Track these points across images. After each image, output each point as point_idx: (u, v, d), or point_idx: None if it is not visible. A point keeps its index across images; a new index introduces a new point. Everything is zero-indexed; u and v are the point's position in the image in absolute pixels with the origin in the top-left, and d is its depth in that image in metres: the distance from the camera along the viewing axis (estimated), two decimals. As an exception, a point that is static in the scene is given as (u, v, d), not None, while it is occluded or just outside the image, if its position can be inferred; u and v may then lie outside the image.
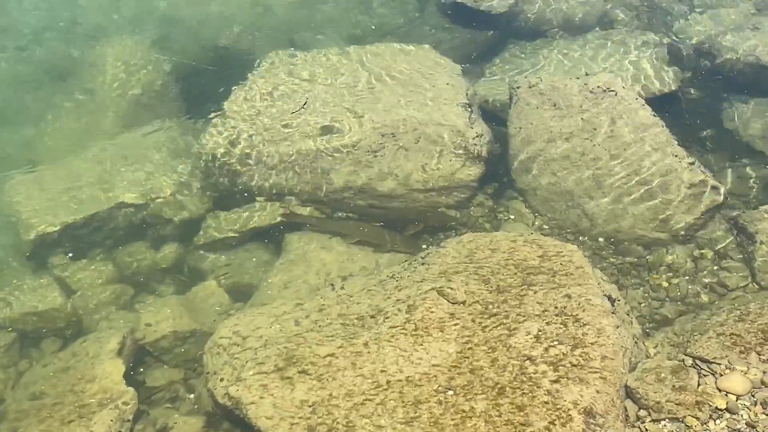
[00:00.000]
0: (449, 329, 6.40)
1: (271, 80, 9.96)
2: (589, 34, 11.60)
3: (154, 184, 9.45)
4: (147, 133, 10.21)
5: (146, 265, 9.06)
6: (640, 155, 8.60)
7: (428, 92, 9.56)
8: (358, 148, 9.01)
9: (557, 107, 9.09)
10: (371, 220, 9.06)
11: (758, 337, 6.49)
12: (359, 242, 8.71)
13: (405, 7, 12.52)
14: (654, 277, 8.25)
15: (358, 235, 8.75)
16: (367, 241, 8.67)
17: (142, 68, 11.19)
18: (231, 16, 12.42)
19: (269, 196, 9.21)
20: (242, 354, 6.70)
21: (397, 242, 8.63)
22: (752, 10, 11.46)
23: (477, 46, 11.62)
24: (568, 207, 8.90)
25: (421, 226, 8.93)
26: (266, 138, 9.17)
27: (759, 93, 10.24)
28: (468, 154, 9.00)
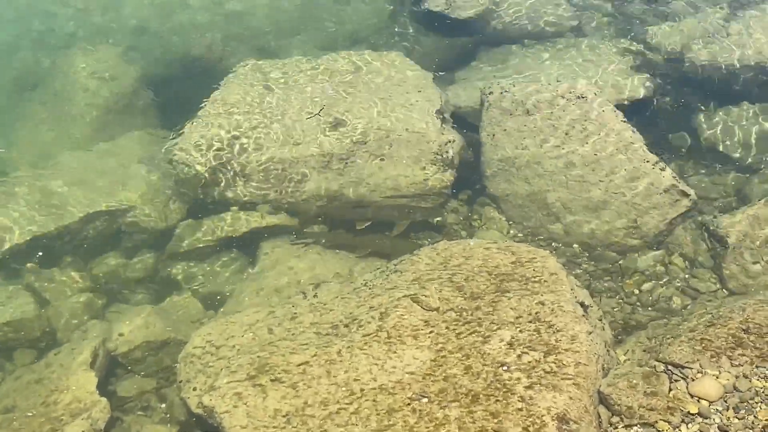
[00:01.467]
0: (423, 337, 6.40)
1: (243, 88, 9.93)
2: (561, 40, 11.64)
3: (126, 193, 9.40)
4: (119, 143, 10.15)
5: (119, 275, 9.00)
6: (611, 161, 8.65)
7: (399, 99, 9.57)
8: (329, 155, 9.01)
9: (529, 113, 9.13)
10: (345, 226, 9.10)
11: (729, 341, 6.53)
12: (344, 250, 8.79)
13: (377, 15, 12.52)
14: (626, 282, 8.31)
15: (370, 246, 8.74)
16: (376, 252, 8.67)
17: (113, 77, 11.13)
18: (202, 25, 12.40)
19: (242, 204, 9.18)
20: (216, 363, 6.69)
21: (405, 248, 8.44)
22: (722, 17, 11.53)
23: (449, 53, 11.66)
24: (541, 214, 8.94)
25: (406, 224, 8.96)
26: (238, 147, 9.16)
27: (728, 99, 10.33)
28: (440, 161, 9.03)
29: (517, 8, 11.98)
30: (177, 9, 12.77)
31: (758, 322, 6.66)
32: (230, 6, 12.79)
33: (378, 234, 9.00)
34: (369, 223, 8.94)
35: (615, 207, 8.57)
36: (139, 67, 11.51)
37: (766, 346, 6.44)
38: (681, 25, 11.47)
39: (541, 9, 12.04)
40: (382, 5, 12.67)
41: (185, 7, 12.81)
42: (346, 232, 9.10)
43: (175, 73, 11.59)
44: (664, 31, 11.37)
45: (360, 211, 9.05)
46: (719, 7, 11.89)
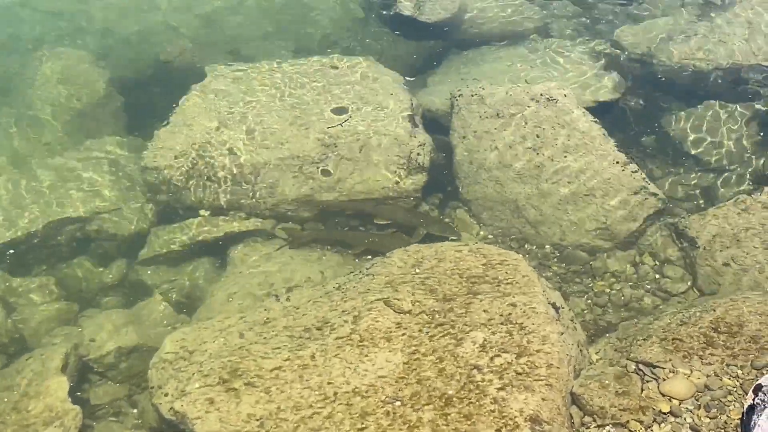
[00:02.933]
0: (396, 339, 6.41)
1: (215, 93, 9.91)
2: (530, 42, 11.68)
3: (97, 199, 9.37)
4: (89, 148, 10.07)
5: (90, 281, 8.97)
6: (581, 163, 8.70)
7: (371, 103, 9.58)
8: (301, 159, 9.01)
9: (499, 116, 9.16)
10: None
11: (701, 341, 6.57)
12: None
13: (348, 19, 12.50)
14: (597, 283, 8.35)
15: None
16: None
17: (83, 82, 11.04)
18: (173, 29, 12.33)
19: (213, 209, 9.16)
20: (188, 368, 6.65)
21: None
22: (690, 18, 11.62)
23: (419, 56, 11.67)
24: (512, 215, 8.97)
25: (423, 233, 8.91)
26: (209, 152, 9.14)
27: (697, 99, 10.39)
28: (411, 163, 9.04)
29: (486, 11, 12.05)
30: (147, 12, 12.68)
31: (729, 321, 6.72)
32: (201, 9, 12.70)
33: (371, 232, 9.04)
34: (389, 221, 8.98)
35: (585, 208, 8.61)
36: (108, 72, 11.40)
37: (736, 345, 6.49)
38: (650, 25, 11.55)
39: (510, 11, 12.08)
40: (353, 10, 12.65)
41: (155, 10, 12.73)
42: (342, 229, 9.16)
43: (146, 77, 11.52)
44: (633, 31, 11.45)
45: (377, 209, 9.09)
46: (689, 8, 12.00)
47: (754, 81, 10.37)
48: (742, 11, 11.04)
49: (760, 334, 6.56)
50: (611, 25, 12.02)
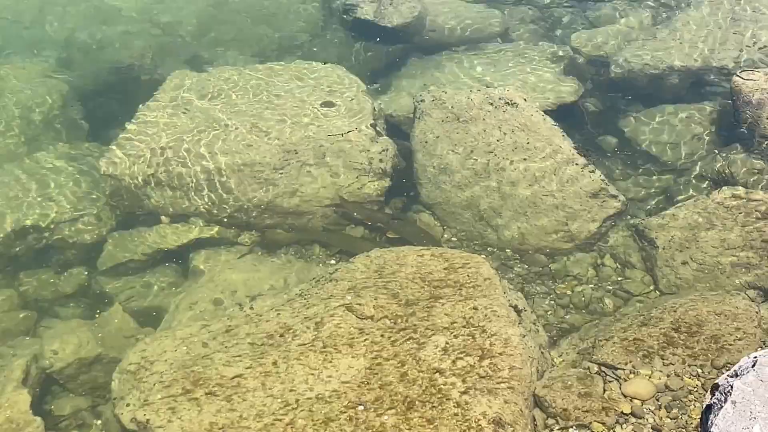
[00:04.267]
0: (358, 345, 6.40)
1: (175, 100, 9.85)
2: (490, 46, 11.75)
3: (56, 207, 9.27)
4: (48, 156, 9.97)
5: (50, 291, 8.87)
6: (541, 166, 8.74)
7: (332, 108, 9.56)
8: (263, 165, 8.98)
9: (461, 120, 9.19)
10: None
11: (661, 341, 6.64)
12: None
13: (310, 24, 12.53)
14: (559, 286, 8.37)
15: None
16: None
17: (42, 91, 10.93)
18: (132, 36, 12.27)
19: (174, 217, 9.11)
20: (150, 378, 6.60)
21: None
22: (647, 21, 11.73)
23: (381, 61, 11.71)
24: (474, 219, 8.99)
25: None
26: (170, 159, 9.07)
27: (654, 101, 10.51)
28: (373, 169, 9.05)
29: (447, 15, 12.09)
30: (107, 21, 12.62)
31: (688, 321, 6.79)
32: (161, 17, 12.67)
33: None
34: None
35: (546, 211, 8.65)
36: (69, 80, 11.36)
37: (696, 345, 6.57)
38: (607, 29, 11.68)
39: (471, 16, 12.14)
40: (314, 15, 12.67)
41: (115, 18, 12.67)
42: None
43: (106, 85, 11.45)
44: (591, 35, 11.56)
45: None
46: (645, 11, 12.11)
47: (709, 82, 10.48)
48: (696, 13, 11.14)
49: (720, 334, 6.64)
50: (570, 30, 12.13)
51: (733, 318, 6.79)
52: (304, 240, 9.03)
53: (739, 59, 10.36)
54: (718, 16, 10.99)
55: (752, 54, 10.38)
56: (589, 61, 11.17)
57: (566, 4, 12.77)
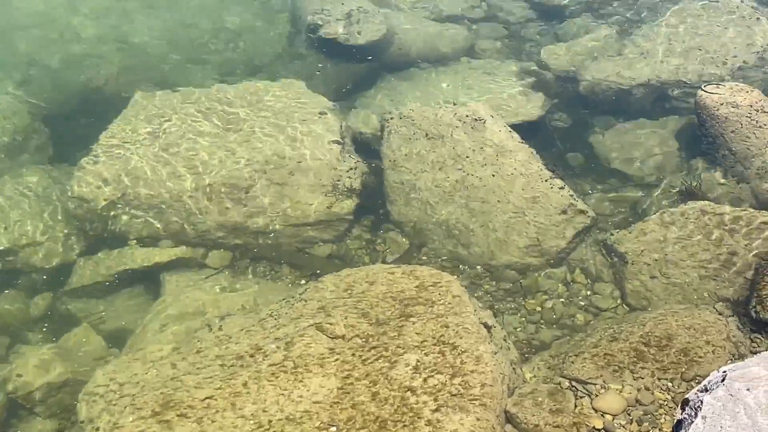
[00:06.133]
0: (329, 365, 6.37)
1: (141, 121, 9.78)
2: (458, 63, 11.81)
3: (22, 230, 9.20)
4: (14, 179, 9.87)
5: (17, 314, 8.80)
6: (510, 182, 8.77)
7: (300, 127, 9.54)
8: (230, 186, 8.95)
9: (429, 137, 9.20)
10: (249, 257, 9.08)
11: (631, 356, 6.67)
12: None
13: (276, 43, 12.50)
14: (529, 302, 8.39)
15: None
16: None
17: (7, 114, 10.83)
18: (97, 56, 12.17)
19: (142, 238, 9.05)
20: (119, 401, 6.54)
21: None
22: (613, 36, 11.80)
23: (348, 79, 11.67)
24: (444, 236, 9.00)
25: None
26: (136, 180, 9.02)
27: (621, 116, 10.62)
28: (341, 187, 9.04)
29: (414, 33, 12.10)
30: (71, 41, 12.51)
31: (658, 335, 6.83)
32: (125, 38, 12.57)
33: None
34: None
35: (515, 227, 8.66)
36: (33, 102, 11.25)
37: (666, 359, 6.60)
38: (574, 44, 11.71)
39: (438, 33, 12.17)
40: (279, 34, 12.64)
41: (79, 39, 12.56)
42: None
43: (71, 107, 11.35)
44: (558, 51, 11.60)
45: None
46: (611, 27, 12.20)
47: (675, 97, 10.55)
48: (662, 29, 11.22)
49: (689, 347, 6.68)
50: (538, 45, 12.17)
51: (703, 331, 6.84)
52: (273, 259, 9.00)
53: (703, 73, 10.45)
54: (682, 30, 11.07)
55: (717, 68, 10.47)
56: (556, 77, 11.22)
57: (534, 20, 12.84)
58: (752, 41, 10.68)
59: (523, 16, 12.90)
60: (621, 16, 12.62)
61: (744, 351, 6.79)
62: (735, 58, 10.52)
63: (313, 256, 9.04)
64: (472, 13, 13.01)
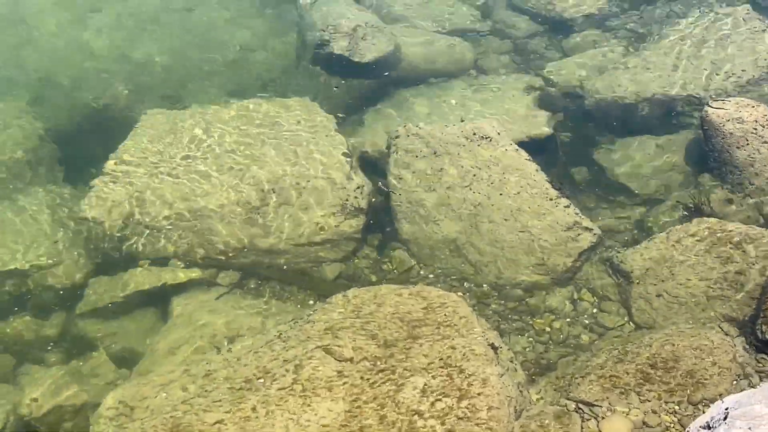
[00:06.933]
0: (337, 388, 6.42)
1: (151, 140, 9.86)
2: (464, 79, 11.84)
3: (35, 252, 9.27)
4: (25, 200, 9.97)
5: (30, 335, 8.84)
6: (516, 200, 8.81)
7: (308, 146, 9.61)
8: (239, 205, 9.01)
9: (436, 154, 9.24)
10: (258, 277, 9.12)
11: (637, 377, 6.69)
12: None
13: (284, 60, 12.56)
14: (536, 321, 8.42)
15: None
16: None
17: (18, 133, 10.89)
18: (107, 74, 12.26)
19: (152, 259, 9.10)
20: (130, 425, 6.61)
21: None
22: (620, 50, 11.84)
23: (356, 95, 11.73)
24: (451, 255, 9.03)
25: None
26: (147, 200, 9.09)
27: (627, 132, 10.59)
28: (349, 206, 9.09)
29: (420, 48, 12.13)
30: (81, 59, 12.60)
31: (664, 357, 6.85)
32: (135, 54, 12.66)
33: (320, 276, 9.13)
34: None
35: (522, 246, 8.70)
36: (44, 121, 11.31)
37: (673, 381, 6.62)
38: (580, 59, 11.78)
39: (444, 48, 12.21)
40: (287, 50, 12.71)
41: (89, 57, 12.66)
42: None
43: (82, 125, 11.43)
44: (564, 65, 11.68)
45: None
46: (618, 41, 12.23)
47: (682, 111, 10.54)
48: (669, 42, 11.25)
49: (696, 369, 6.70)
50: (544, 60, 12.21)
51: (709, 352, 6.86)
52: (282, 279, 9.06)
53: (709, 88, 10.44)
54: (689, 44, 11.09)
55: (723, 83, 10.47)
56: (562, 92, 11.25)
57: (540, 33, 12.86)
58: (758, 55, 10.67)
59: (530, 29, 12.91)
60: (628, 30, 12.61)
61: (750, 371, 6.81)
62: (743, 72, 10.50)
63: (322, 276, 9.07)
64: (479, 27, 13.05)
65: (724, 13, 11.60)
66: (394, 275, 9.05)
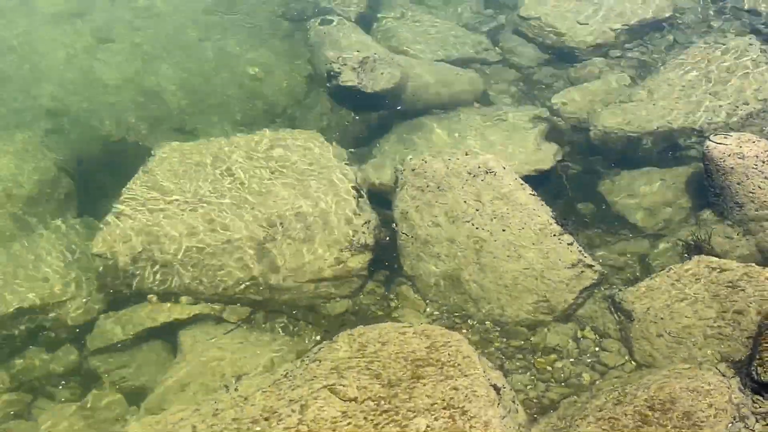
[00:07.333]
0: (341, 429, 6.55)
1: (161, 175, 10.01)
2: (471, 109, 11.96)
3: (48, 287, 9.40)
4: (38, 235, 10.12)
5: (43, 371, 8.95)
6: (520, 237, 8.93)
7: (317, 179, 9.77)
8: (247, 240, 9.17)
9: (441, 189, 9.38)
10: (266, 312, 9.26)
11: (636, 419, 6.80)
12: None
13: (294, 90, 12.67)
14: (538, 360, 8.51)
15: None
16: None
17: (32, 166, 11.02)
18: (120, 105, 12.38)
19: (162, 294, 9.26)
20: (140, 465, 6.77)
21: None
22: (625, 82, 11.93)
23: (364, 128, 11.88)
24: (455, 291, 9.14)
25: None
26: (156, 236, 9.26)
27: (631, 165, 10.69)
28: (356, 243, 9.24)
29: (428, 78, 12.25)
30: (94, 90, 12.71)
31: (662, 398, 6.96)
32: (147, 85, 12.76)
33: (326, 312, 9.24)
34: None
35: (525, 282, 8.81)
36: (58, 153, 11.44)
37: (669, 423, 6.73)
38: (586, 90, 11.89)
39: (451, 79, 12.34)
40: (298, 81, 12.84)
41: (103, 87, 12.77)
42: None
43: (95, 157, 11.56)
44: (570, 96, 11.78)
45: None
46: (624, 70, 12.33)
47: (686, 145, 10.67)
48: (672, 74, 11.37)
49: (692, 410, 6.82)
50: (551, 91, 12.32)
51: (706, 394, 6.97)
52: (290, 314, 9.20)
53: (712, 121, 10.58)
54: (692, 76, 11.21)
55: (727, 115, 10.61)
56: (568, 124, 11.38)
57: (547, 63, 12.98)
58: (761, 87, 10.79)
59: (536, 58, 13.04)
60: (633, 59, 12.74)
61: (746, 413, 6.92)
62: (745, 105, 10.62)
63: (329, 312, 9.20)
64: (486, 57, 13.19)
65: (726, 44, 11.71)
66: (399, 311, 9.15)
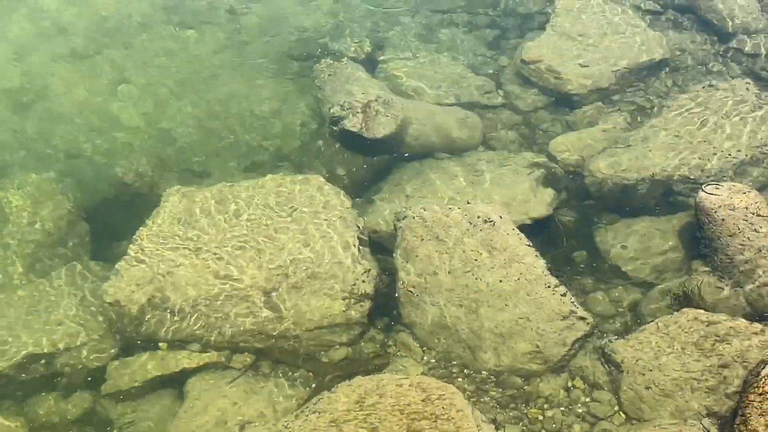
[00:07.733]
0: (338, 484, 6.86)
1: (171, 220, 10.30)
2: (472, 154, 12.17)
3: (61, 332, 9.63)
4: (51, 280, 10.37)
5: (56, 416, 9.19)
6: (516, 287, 9.18)
7: (320, 227, 10.03)
8: (253, 289, 9.46)
9: (439, 239, 9.63)
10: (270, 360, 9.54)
11: (620, 474, 7.10)
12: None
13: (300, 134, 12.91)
14: (531, 410, 8.72)
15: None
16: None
17: (47, 208, 11.28)
18: (133, 147, 12.63)
19: (171, 342, 9.53)
20: None
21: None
22: (622, 126, 12.07)
23: (367, 172, 12.13)
24: (452, 340, 9.35)
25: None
26: (166, 284, 9.54)
27: (626, 213, 10.87)
28: (356, 291, 9.48)
29: (431, 121, 12.43)
30: (109, 130, 12.96)
31: (646, 454, 7.25)
32: (160, 126, 13.01)
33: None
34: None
35: (520, 333, 9.03)
36: (73, 195, 11.68)
37: (652, 479, 7.02)
38: (583, 135, 12.02)
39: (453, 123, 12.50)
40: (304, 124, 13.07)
41: (118, 127, 13.01)
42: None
43: (110, 199, 11.84)
44: (567, 142, 11.92)
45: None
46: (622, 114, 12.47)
47: (679, 192, 10.82)
48: (668, 119, 11.57)
49: (675, 467, 7.09)
50: (547, 135, 12.52)
51: (688, 450, 7.24)
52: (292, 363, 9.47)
53: (705, 168, 10.75)
54: (687, 122, 11.40)
55: (720, 162, 10.78)
56: (564, 170, 11.55)
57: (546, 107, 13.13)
58: (753, 134, 11.00)
59: (536, 102, 13.18)
60: (630, 102, 12.92)
61: (728, 468, 7.19)
62: (738, 152, 10.80)
63: (329, 360, 9.46)
64: (491, 99, 13.40)
65: (723, 88, 11.90)
66: (398, 359, 9.41)
